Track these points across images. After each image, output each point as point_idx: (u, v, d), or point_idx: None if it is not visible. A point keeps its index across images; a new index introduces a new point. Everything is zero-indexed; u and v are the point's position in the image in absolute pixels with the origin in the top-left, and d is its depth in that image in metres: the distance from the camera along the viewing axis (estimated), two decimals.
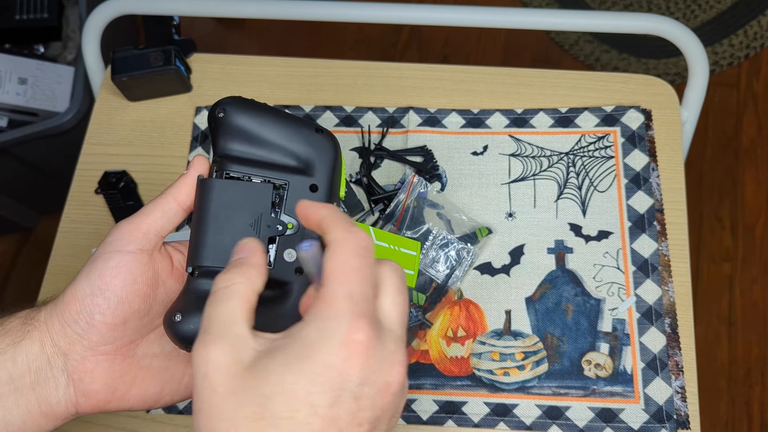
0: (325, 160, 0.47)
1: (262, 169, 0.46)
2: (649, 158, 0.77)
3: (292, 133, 0.46)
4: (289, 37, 1.77)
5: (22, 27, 1.33)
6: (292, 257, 0.45)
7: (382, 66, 0.84)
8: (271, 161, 0.46)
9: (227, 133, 0.46)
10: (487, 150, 0.79)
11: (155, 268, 0.45)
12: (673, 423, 0.66)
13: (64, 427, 0.69)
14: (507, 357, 0.69)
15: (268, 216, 0.45)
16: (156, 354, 0.46)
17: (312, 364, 0.33)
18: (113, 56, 0.79)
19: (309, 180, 0.46)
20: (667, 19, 0.80)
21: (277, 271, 0.44)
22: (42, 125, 1.28)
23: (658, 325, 0.70)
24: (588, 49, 1.70)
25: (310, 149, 0.46)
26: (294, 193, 0.46)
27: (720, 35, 1.69)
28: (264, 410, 0.33)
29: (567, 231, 0.74)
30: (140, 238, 0.44)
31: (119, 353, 0.44)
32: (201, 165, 0.46)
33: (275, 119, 0.46)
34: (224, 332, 0.35)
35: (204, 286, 0.43)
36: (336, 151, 0.47)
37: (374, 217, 0.76)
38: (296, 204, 0.40)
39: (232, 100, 0.46)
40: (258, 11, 0.85)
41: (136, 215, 0.45)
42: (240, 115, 0.46)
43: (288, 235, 0.45)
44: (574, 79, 0.82)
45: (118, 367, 0.44)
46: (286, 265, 0.44)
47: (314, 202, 0.40)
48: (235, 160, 0.45)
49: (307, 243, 0.37)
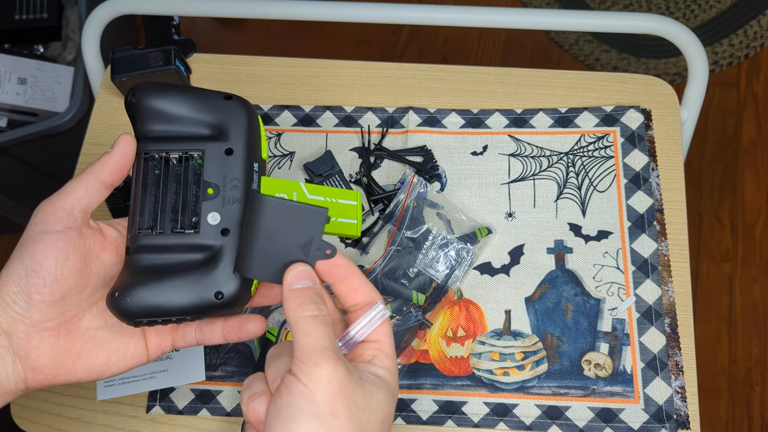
0: (238, 124, 0.49)
1: (179, 143, 0.48)
2: (648, 158, 0.77)
3: (202, 104, 0.49)
4: (289, 37, 1.77)
5: (21, 27, 1.33)
6: (216, 220, 0.47)
7: (381, 66, 0.84)
8: (188, 134, 0.48)
9: (142, 116, 0.48)
10: (486, 150, 0.79)
11: (86, 243, 0.46)
12: (673, 423, 0.66)
13: (63, 428, 0.70)
14: (507, 357, 0.69)
15: (319, 240, 0.45)
16: (99, 326, 0.48)
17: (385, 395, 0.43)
18: (113, 56, 0.79)
19: (224, 145, 0.48)
20: (667, 19, 0.80)
21: (204, 236, 0.46)
22: (42, 125, 1.28)
23: (657, 325, 0.70)
24: (588, 48, 1.70)
25: (222, 116, 0.49)
26: (211, 158, 0.48)
27: (720, 35, 1.69)
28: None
29: (567, 231, 0.74)
30: (66, 217, 0.46)
31: (63, 328, 0.46)
32: (125, 144, 0.48)
33: (184, 95, 0.49)
34: (338, 352, 0.41)
35: (139, 262, 0.46)
36: (248, 114, 0.49)
37: (374, 217, 0.76)
38: (331, 264, 0.45)
39: (143, 85, 0.49)
40: (258, 11, 0.85)
41: (59, 194, 0.47)
42: (150, 98, 0.48)
43: (210, 199, 0.47)
44: (574, 79, 0.82)
45: (63, 342, 0.46)
46: (212, 228, 0.47)
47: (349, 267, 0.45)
48: (154, 140, 0.48)
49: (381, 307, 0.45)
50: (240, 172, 0.48)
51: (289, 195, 0.50)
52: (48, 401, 0.70)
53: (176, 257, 0.46)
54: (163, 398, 0.70)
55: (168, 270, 0.46)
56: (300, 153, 0.80)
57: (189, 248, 0.46)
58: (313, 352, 0.40)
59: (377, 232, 0.75)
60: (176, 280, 0.45)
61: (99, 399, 0.70)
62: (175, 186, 0.48)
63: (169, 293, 0.45)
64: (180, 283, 0.45)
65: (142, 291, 0.45)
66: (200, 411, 0.69)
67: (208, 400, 0.69)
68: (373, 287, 0.45)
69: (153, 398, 0.70)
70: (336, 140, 0.80)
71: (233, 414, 0.69)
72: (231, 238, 0.46)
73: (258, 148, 0.50)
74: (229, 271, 0.46)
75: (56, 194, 0.47)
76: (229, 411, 0.69)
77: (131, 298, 0.45)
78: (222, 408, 0.69)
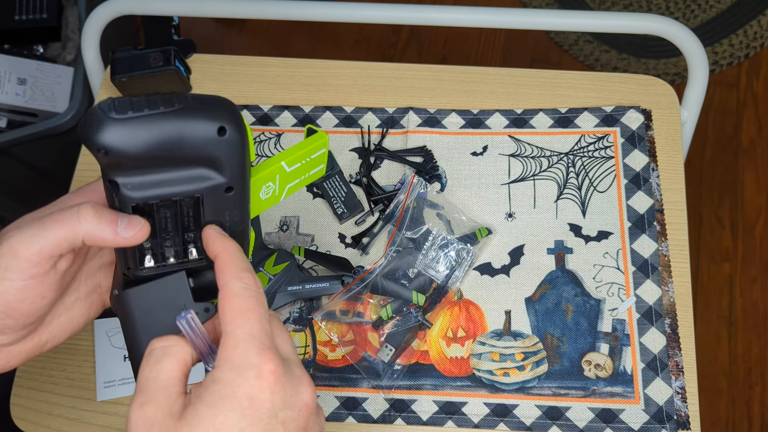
0: (235, 159, 0.42)
1: (169, 187, 0.41)
2: (648, 158, 0.77)
3: (193, 144, 0.39)
4: (288, 37, 1.77)
5: (21, 27, 1.33)
6: None
7: (381, 66, 0.84)
8: (178, 177, 0.41)
9: (118, 167, 0.39)
10: (486, 150, 0.79)
11: (59, 272, 0.43)
12: (674, 423, 0.66)
13: (63, 428, 0.69)
14: (507, 357, 0.69)
15: (191, 304, 0.43)
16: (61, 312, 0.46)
17: (237, 401, 0.36)
18: (113, 57, 0.79)
19: (223, 184, 0.42)
20: (667, 19, 0.80)
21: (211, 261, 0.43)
22: (41, 126, 1.28)
23: (658, 326, 0.70)
24: (588, 49, 1.70)
25: (218, 154, 0.41)
26: (210, 199, 0.42)
27: (720, 35, 1.69)
28: None
29: (567, 231, 0.74)
30: (45, 262, 0.41)
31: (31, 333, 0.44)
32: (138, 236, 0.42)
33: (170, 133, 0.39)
34: (157, 392, 0.38)
35: None
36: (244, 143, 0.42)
37: (374, 218, 0.76)
38: (203, 231, 0.42)
39: (111, 122, 0.37)
40: (258, 11, 0.85)
41: (36, 237, 0.40)
42: (127, 147, 0.38)
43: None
44: (574, 79, 0.82)
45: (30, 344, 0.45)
46: None
47: (216, 234, 0.42)
48: (136, 188, 0.40)
49: (183, 313, 0.40)
50: (240, 206, 0.44)
51: (273, 181, 0.49)
52: (48, 402, 0.70)
53: None
54: None
55: None
56: None
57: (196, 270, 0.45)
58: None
59: (377, 232, 0.75)
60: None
61: (99, 400, 0.70)
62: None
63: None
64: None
65: None
66: None
67: None
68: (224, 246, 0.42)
69: None
70: (336, 140, 0.80)
71: None
72: None
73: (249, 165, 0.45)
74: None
75: (32, 237, 0.40)
76: None
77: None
78: None
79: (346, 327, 0.71)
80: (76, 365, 0.71)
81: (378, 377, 0.69)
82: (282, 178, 0.51)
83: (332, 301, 0.71)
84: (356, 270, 0.71)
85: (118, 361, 0.71)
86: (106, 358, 0.71)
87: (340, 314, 0.71)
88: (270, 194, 0.50)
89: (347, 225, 0.76)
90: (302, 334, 0.71)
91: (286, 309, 0.72)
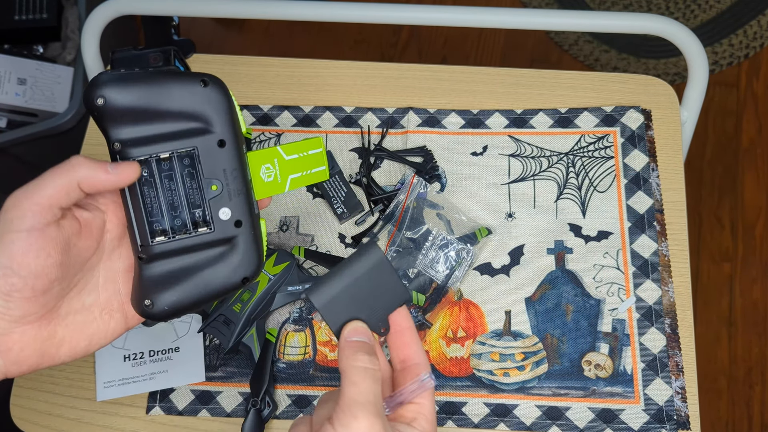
0: (222, 111, 0.47)
1: (164, 142, 0.46)
2: (648, 158, 0.77)
3: (179, 96, 0.46)
4: (288, 37, 1.77)
5: (21, 27, 1.33)
6: (227, 215, 0.48)
7: (381, 66, 0.84)
8: (171, 131, 0.46)
9: (115, 120, 0.45)
10: (486, 150, 0.79)
11: (65, 235, 0.45)
12: (674, 423, 0.66)
13: (63, 428, 0.69)
14: (507, 357, 0.69)
15: (385, 317, 0.47)
16: (78, 310, 0.47)
17: None
18: (112, 57, 0.79)
19: (214, 137, 0.47)
20: (667, 19, 0.80)
21: (220, 232, 0.48)
22: (41, 126, 1.28)
23: (658, 326, 0.70)
24: (587, 49, 1.70)
25: (204, 106, 0.46)
26: (205, 153, 0.47)
27: (720, 35, 1.69)
28: None
29: (567, 231, 0.74)
30: (44, 213, 0.44)
31: (44, 319, 0.45)
32: (129, 175, 0.45)
33: (158, 87, 0.45)
34: (379, 409, 0.41)
35: (160, 268, 0.47)
36: (228, 98, 0.47)
37: (374, 218, 0.76)
38: (393, 314, 0.46)
39: (108, 79, 0.45)
40: (258, 11, 0.85)
41: (37, 188, 0.44)
42: (121, 98, 0.45)
43: (216, 195, 0.47)
44: (574, 79, 0.82)
45: (44, 332, 0.45)
46: (226, 224, 0.48)
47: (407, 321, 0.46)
48: (134, 143, 0.45)
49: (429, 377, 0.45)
50: (237, 162, 0.48)
51: (272, 164, 0.52)
52: (48, 402, 0.70)
53: (198, 256, 0.48)
54: (163, 399, 0.70)
55: (193, 269, 0.47)
56: None
57: (207, 245, 0.48)
58: (354, 404, 0.40)
59: (377, 232, 0.75)
60: (205, 275, 0.47)
61: (99, 400, 0.70)
62: (175, 186, 0.47)
63: (200, 289, 0.47)
64: (209, 278, 0.47)
65: (175, 294, 0.47)
66: (200, 412, 0.69)
67: (208, 401, 0.69)
68: (421, 346, 0.47)
69: (153, 399, 0.69)
70: (336, 140, 0.80)
71: (233, 415, 0.69)
72: (245, 227, 0.48)
73: (240, 127, 0.49)
74: (251, 257, 0.48)
75: (33, 187, 0.44)
76: (228, 412, 0.69)
77: (168, 305, 0.46)
78: (222, 409, 0.69)
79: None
80: (76, 365, 0.71)
81: None
82: (282, 166, 0.52)
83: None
84: None
85: (118, 361, 0.71)
86: (106, 359, 0.71)
87: None
88: (272, 178, 0.52)
89: (347, 225, 0.76)
90: (302, 334, 0.71)
91: (286, 309, 0.72)
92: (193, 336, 0.71)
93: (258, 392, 0.67)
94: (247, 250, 0.48)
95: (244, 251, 0.48)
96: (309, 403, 0.69)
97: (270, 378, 0.68)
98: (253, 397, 0.67)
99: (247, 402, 0.68)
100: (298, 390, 0.69)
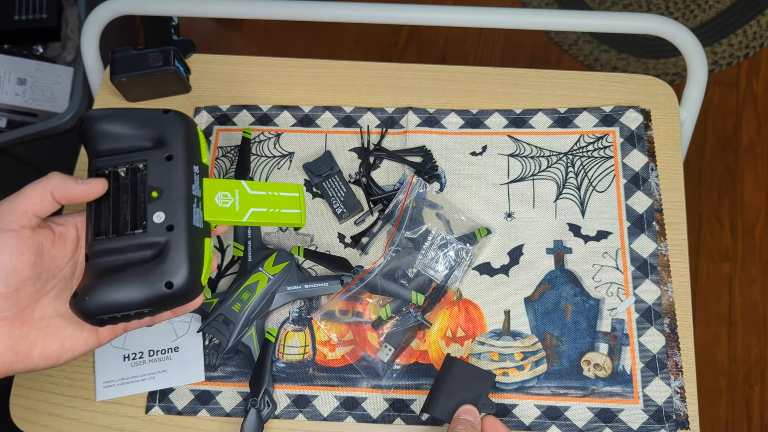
0: (175, 132, 0.53)
1: (125, 155, 0.53)
2: (648, 158, 0.77)
3: (142, 121, 0.54)
4: (288, 37, 1.77)
5: (21, 27, 1.33)
6: (161, 218, 0.51)
7: (381, 66, 0.84)
8: (132, 148, 0.53)
9: (91, 138, 0.53)
10: (486, 150, 0.79)
11: (38, 239, 0.50)
12: (673, 423, 0.66)
13: (63, 428, 0.70)
14: (506, 357, 0.69)
15: (486, 396, 0.63)
16: (52, 315, 0.51)
17: None
18: (112, 57, 0.79)
19: (164, 152, 0.53)
20: (667, 19, 0.80)
21: (151, 234, 0.51)
22: (41, 126, 1.28)
23: (657, 325, 0.70)
24: (587, 49, 1.70)
25: (160, 128, 0.53)
26: (154, 165, 0.52)
27: (719, 35, 1.69)
28: None
29: (566, 231, 0.74)
30: (21, 217, 0.49)
31: (17, 318, 0.49)
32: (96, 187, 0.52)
33: (127, 117, 0.54)
34: None
35: (97, 266, 0.50)
36: (185, 124, 0.54)
37: (373, 218, 0.76)
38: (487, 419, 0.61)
39: (91, 113, 0.54)
40: (258, 11, 0.85)
41: (16, 196, 0.50)
42: (97, 123, 0.53)
43: (155, 201, 0.52)
44: (573, 79, 0.82)
45: (18, 331, 0.49)
46: (158, 226, 0.51)
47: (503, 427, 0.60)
48: (103, 155, 0.53)
49: None
50: (180, 174, 0.52)
51: (232, 193, 0.56)
52: (47, 402, 0.70)
53: (129, 257, 0.50)
54: (162, 399, 0.70)
55: (122, 269, 0.50)
56: (299, 153, 0.80)
57: (139, 247, 0.51)
58: None
59: (377, 232, 0.75)
60: (129, 276, 0.49)
61: (98, 399, 0.70)
62: (125, 195, 0.52)
63: (123, 289, 0.49)
64: (133, 279, 0.49)
65: (100, 290, 0.48)
66: (199, 411, 0.69)
67: (207, 401, 0.69)
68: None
69: (152, 399, 0.70)
70: (335, 140, 0.80)
71: (232, 414, 0.69)
72: (177, 233, 0.51)
73: (197, 153, 0.55)
74: (178, 263, 0.50)
75: (13, 196, 0.50)
76: (228, 411, 0.69)
77: (90, 297, 0.48)
78: (221, 408, 0.69)
79: (346, 327, 0.71)
80: (76, 365, 0.71)
81: (377, 377, 0.69)
82: (243, 197, 0.57)
83: (331, 300, 0.71)
84: (355, 270, 0.71)
85: (117, 361, 0.71)
86: (106, 358, 0.71)
87: (340, 314, 0.71)
88: (228, 205, 0.56)
89: (347, 225, 0.76)
90: (301, 333, 0.71)
91: (285, 309, 0.72)
92: (192, 336, 0.71)
93: (257, 392, 0.67)
94: (176, 257, 0.50)
95: (173, 257, 0.50)
96: (308, 403, 0.69)
97: (269, 378, 0.68)
98: (252, 397, 0.67)
99: (246, 402, 0.68)
100: (298, 390, 0.69)
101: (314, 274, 0.74)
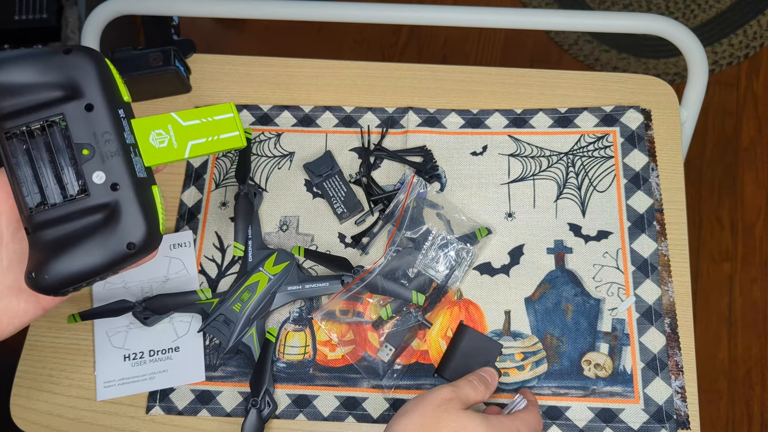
0: (87, 76, 0.48)
1: (36, 112, 0.47)
2: (648, 158, 0.77)
3: (42, 68, 0.47)
4: (289, 37, 1.77)
5: (21, 27, 1.33)
6: (101, 179, 0.47)
7: (381, 66, 0.84)
8: (41, 101, 0.47)
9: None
10: (486, 150, 0.79)
11: None
12: (673, 423, 0.66)
13: (63, 428, 0.69)
14: (506, 357, 0.69)
15: (492, 363, 0.68)
16: None
17: None
18: (112, 56, 0.79)
19: (82, 102, 0.47)
20: (667, 19, 0.80)
21: (96, 196, 0.47)
22: None
23: (657, 325, 0.70)
24: (587, 48, 1.70)
25: (68, 72, 0.47)
26: (74, 119, 0.47)
27: (719, 35, 1.69)
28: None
29: (566, 231, 0.74)
30: None
31: None
32: None
33: (22, 61, 0.47)
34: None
35: (44, 238, 0.47)
36: (95, 63, 0.48)
37: (374, 217, 0.76)
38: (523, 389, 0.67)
39: None
40: (258, 11, 0.85)
41: None
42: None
43: (88, 160, 0.48)
44: (574, 79, 0.82)
45: None
46: (101, 187, 0.48)
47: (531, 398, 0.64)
48: (9, 117, 0.47)
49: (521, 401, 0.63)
50: (108, 124, 0.48)
51: (165, 129, 0.51)
52: (47, 402, 0.70)
53: (78, 223, 0.47)
54: (162, 399, 0.70)
55: (74, 237, 0.47)
56: (300, 153, 0.80)
57: (86, 212, 0.47)
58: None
59: (377, 232, 0.75)
60: (86, 244, 0.47)
61: (99, 399, 0.70)
62: (49, 155, 0.48)
63: (83, 258, 0.46)
64: (91, 246, 0.47)
65: (57, 264, 0.46)
66: (200, 411, 0.69)
67: (207, 401, 0.69)
68: None
69: (153, 399, 0.70)
70: (336, 140, 0.80)
71: (233, 414, 0.69)
72: (123, 190, 0.48)
73: (117, 93, 0.49)
74: (134, 221, 0.47)
75: None
76: (228, 411, 0.69)
77: (49, 274, 0.46)
78: (222, 408, 0.69)
79: (346, 327, 0.71)
80: (76, 365, 0.71)
81: (378, 377, 0.69)
82: (179, 131, 0.52)
83: (332, 300, 0.71)
84: (356, 270, 0.71)
85: (118, 361, 0.71)
86: (106, 358, 0.71)
87: (340, 314, 0.71)
88: (166, 144, 0.51)
89: (347, 225, 0.76)
90: (302, 333, 0.71)
91: (285, 309, 0.72)
92: (192, 336, 0.71)
93: (258, 392, 0.67)
94: (130, 214, 0.47)
95: (126, 215, 0.47)
96: (309, 403, 0.69)
97: (270, 378, 0.68)
98: (253, 397, 0.67)
99: (246, 402, 0.68)
100: (298, 390, 0.69)
101: (315, 274, 0.74)
